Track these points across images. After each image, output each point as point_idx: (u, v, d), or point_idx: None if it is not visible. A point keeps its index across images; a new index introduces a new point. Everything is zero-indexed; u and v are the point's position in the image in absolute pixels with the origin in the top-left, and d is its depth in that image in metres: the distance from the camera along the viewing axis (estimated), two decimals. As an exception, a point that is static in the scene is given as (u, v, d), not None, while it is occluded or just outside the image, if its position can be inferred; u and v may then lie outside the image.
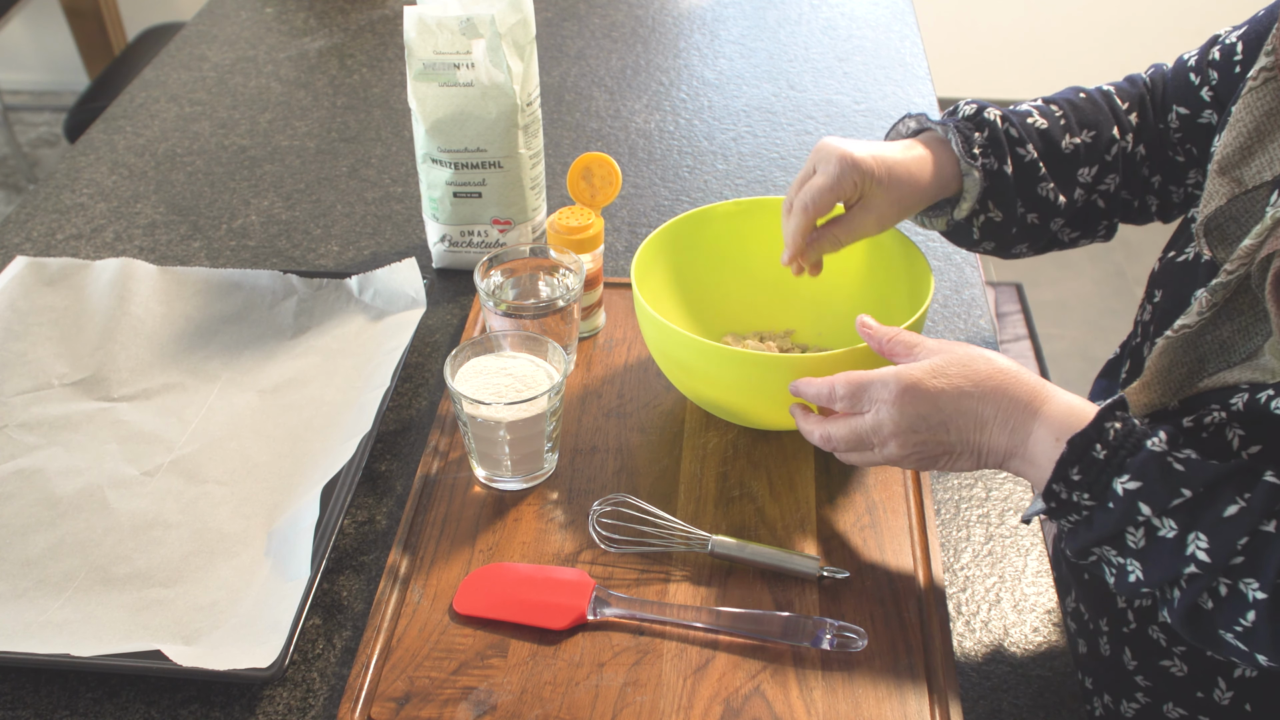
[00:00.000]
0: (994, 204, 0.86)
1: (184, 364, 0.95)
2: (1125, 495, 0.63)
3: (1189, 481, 0.62)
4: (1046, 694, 0.72)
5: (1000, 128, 0.85)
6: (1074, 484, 0.64)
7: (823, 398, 0.74)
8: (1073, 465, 0.64)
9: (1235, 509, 0.61)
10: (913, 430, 0.70)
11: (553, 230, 0.93)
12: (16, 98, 3.22)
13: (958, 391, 0.69)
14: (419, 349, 1.00)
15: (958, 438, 0.70)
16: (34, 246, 1.13)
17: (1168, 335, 0.70)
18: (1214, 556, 0.61)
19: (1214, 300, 0.68)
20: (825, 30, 1.57)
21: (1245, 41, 0.82)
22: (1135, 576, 0.65)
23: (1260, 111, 0.68)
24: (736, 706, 0.69)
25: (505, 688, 0.70)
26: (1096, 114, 0.88)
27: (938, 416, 0.69)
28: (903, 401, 0.69)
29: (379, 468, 0.88)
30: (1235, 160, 0.70)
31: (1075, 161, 0.87)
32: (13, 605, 0.75)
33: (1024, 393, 0.68)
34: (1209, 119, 0.85)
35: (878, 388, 0.71)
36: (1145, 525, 0.63)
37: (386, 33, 1.56)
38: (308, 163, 1.27)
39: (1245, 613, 0.61)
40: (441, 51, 0.98)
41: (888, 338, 0.75)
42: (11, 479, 0.84)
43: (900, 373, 0.70)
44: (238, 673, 0.69)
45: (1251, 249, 0.65)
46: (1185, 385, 0.71)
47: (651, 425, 0.90)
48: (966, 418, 0.69)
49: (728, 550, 0.77)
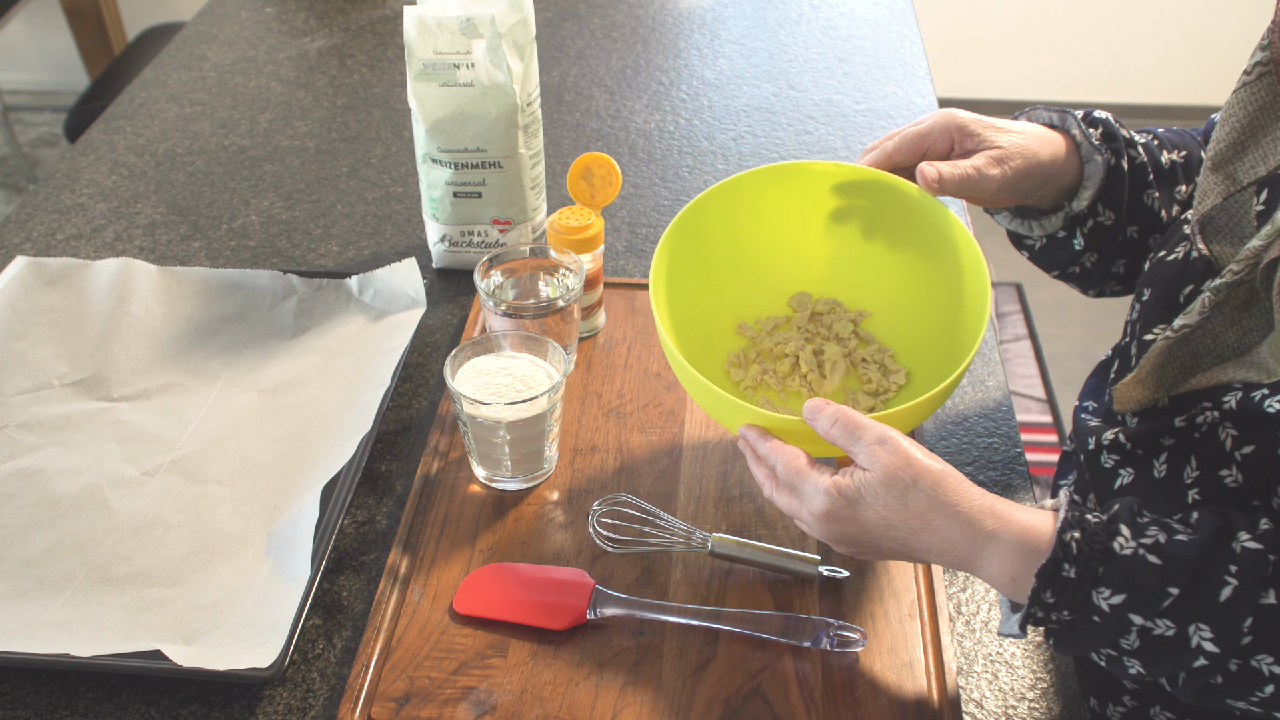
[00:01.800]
0: (1104, 205, 0.82)
1: (184, 364, 0.95)
2: (1112, 610, 0.60)
3: (1173, 577, 0.59)
4: (1047, 694, 0.72)
5: (1115, 126, 0.83)
6: (1050, 605, 0.61)
7: (764, 474, 0.72)
8: (1045, 591, 0.61)
9: (1229, 590, 0.58)
10: (840, 543, 0.69)
11: (553, 230, 0.93)
12: (16, 98, 3.22)
13: (884, 524, 0.66)
14: (419, 349, 1.00)
15: (892, 554, 0.68)
16: (34, 246, 1.13)
17: (1167, 335, 0.69)
18: (1222, 645, 0.59)
19: (1218, 300, 0.66)
20: (825, 30, 1.57)
21: None
22: (1136, 670, 0.62)
23: (1254, 106, 0.67)
24: (736, 706, 0.69)
25: (505, 688, 0.70)
26: (1184, 139, 0.86)
27: (867, 539, 0.67)
28: (828, 521, 0.67)
29: (379, 468, 0.88)
30: (1228, 156, 0.68)
31: (1174, 178, 0.85)
32: (13, 605, 0.75)
33: (962, 532, 0.64)
34: None
35: (807, 497, 0.68)
36: (1140, 630, 0.60)
37: (386, 33, 1.56)
38: (308, 163, 1.27)
39: (1262, 686, 0.59)
40: (441, 51, 0.98)
41: (830, 420, 0.69)
42: (11, 479, 0.84)
43: (829, 492, 0.66)
44: (238, 673, 0.69)
45: (1258, 250, 0.64)
46: (1178, 381, 0.69)
47: (651, 425, 0.90)
48: (898, 545, 0.66)
49: (728, 550, 0.77)
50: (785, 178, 0.86)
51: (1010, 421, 0.92)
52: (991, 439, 0.91)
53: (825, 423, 0.69)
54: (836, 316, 0.89)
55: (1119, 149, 0.82)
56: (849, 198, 0.85)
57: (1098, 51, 3.20)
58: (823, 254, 0.89)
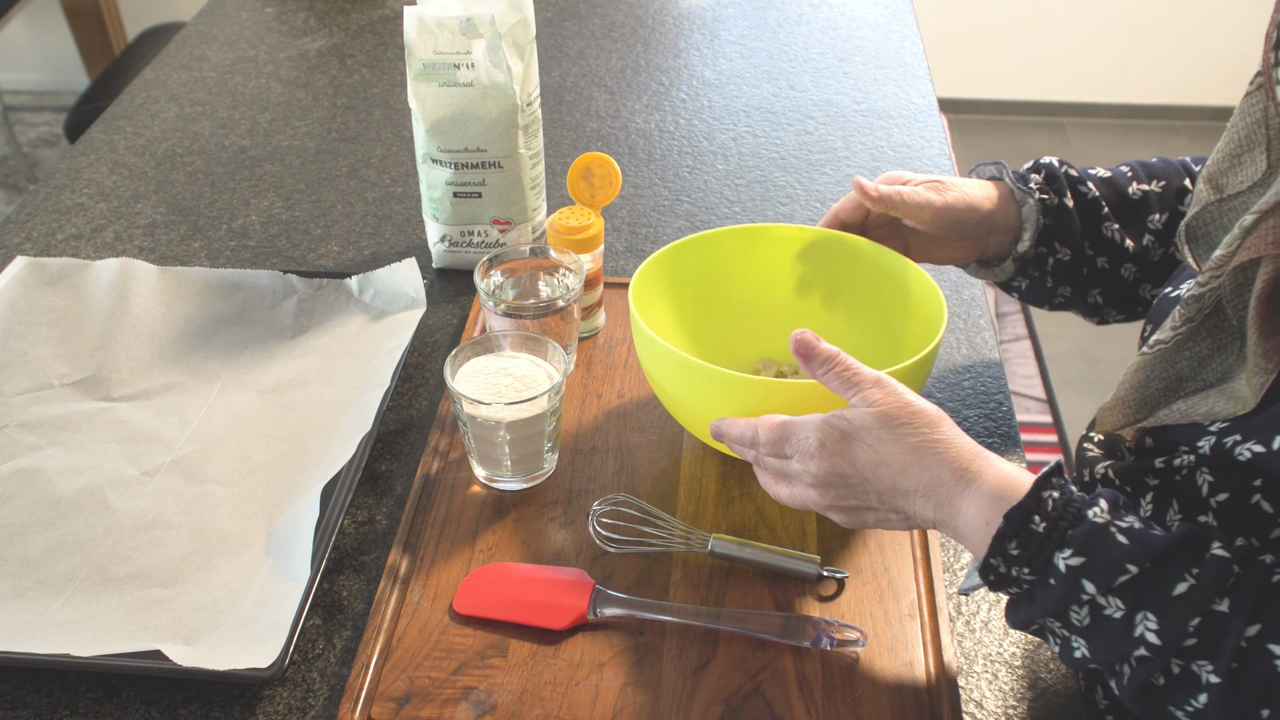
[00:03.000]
0: (1059, 241, 0.86)
1: (184, 364, 0.95)
2: (1068, 571, 0.59)
3: (1134, 557, 0.58)
4: (1047, 694, 0.73)
5: (1058, 168, 0.87)
6: (1013, 558, 0.61)
7: (745, 440, 0.72)
8: (1010, 539, 0.61)
9: (1185, 587, 0.58)
10: (829, 485, 0.68)
11: (553, 230, 0.93)
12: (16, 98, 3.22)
13: (877, 459, 0.66)
14: (419, 349, 1.00)
15: (879, 500, 0.67)
16: (34, 246, 1.13)
17: (1143, 351, 0.69)
18: (1164, 639, 0.58)
19: (1188, 314, 0.66)
20: (825, 30, 1.57)
21: None
22: (1081, 653, 0.62)
23: (1251, 120, 0.67)
24: (736, 706, 0.69)
25: (505, 688, 0.70)
26: (1166, 168, 0.88)
27: (856, 476, 0.67)
28: (821, 454, 0.67)
29: (379, 468, 0.88)
30: (1224, 168, 0.69)
31: (1145, 208, 0.87)
32: (13, 605, 0.75)
33: (948, 470, 0.65)
34: None
35: (798, 438, 0.68)
36: (1090, 603, 0.60)
37: (386, 33, 1.56)
38: (308, 163, 1.27)
39: (1198, 694, 0.58)
40: (441, 51, 0.98)
41: (824, 365, 0.70)
42: (11, 479, 0.84)
43: (821, 425, 0.67)
44: (238, 673, 0.69)
45: (1222, 259, 0.64)
46: (1159, 403, 0.69)
47: (651, 425, 0.90)
48: (886, 485, 0.66)
49: (728, 550, 0.77)
50: (750, 240, 0.91)
51: (1010, 421, 0.92)
52: (991, 439, 0.91)
53: (819, 366, 0.70)
54: (803, 375, 0.91)
55: (1060, 189, 0.87)
56: (811, 261, 0.92)
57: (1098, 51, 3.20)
58: (786, 318, 0.93)
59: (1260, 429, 0.62)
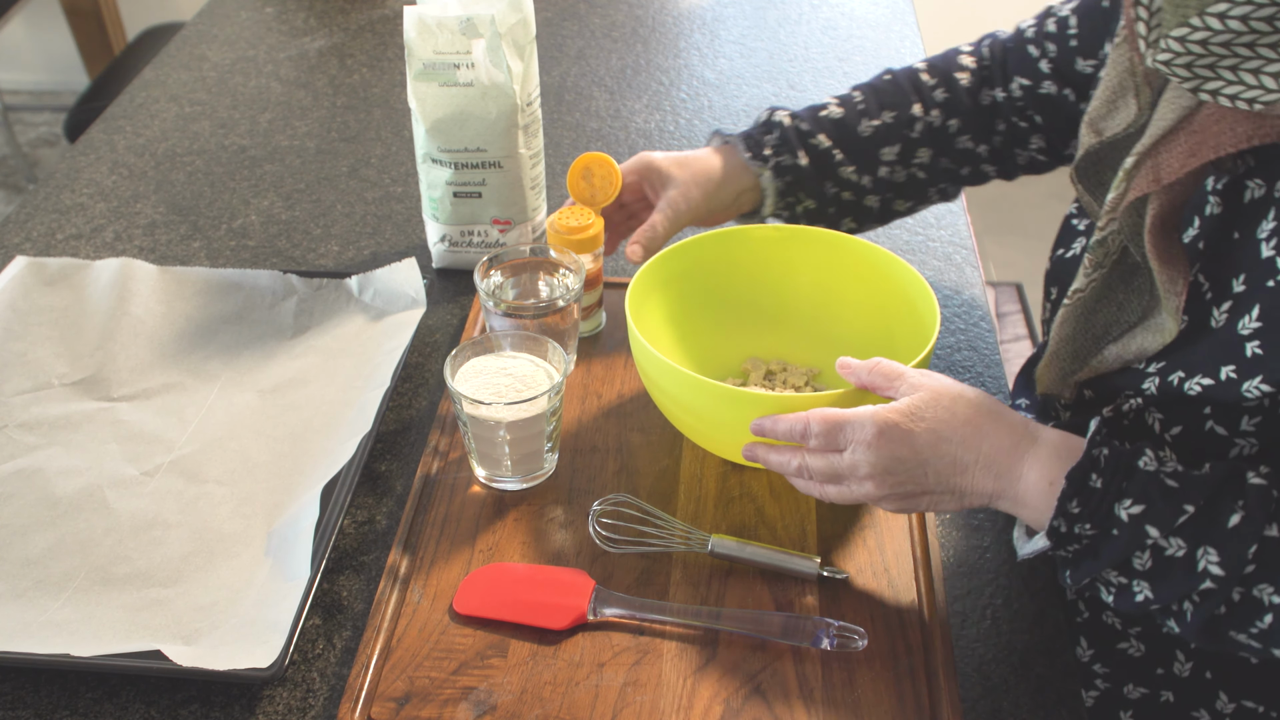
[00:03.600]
0: (804, 194, 0.94)
1: (184, 364, 0.95)
2: (1131, 520, 0.63)
3: (1189, 496, 0.62)
4: (1047, 694, 0.72)
5: (789, 126, 0.93)
6: (1074, 516, 0.64)
7: (795, 434, 0.72)
8: (1071, 499, 0.64)
9: (1238, 518, 0.62)
10: (889, 472, 0.69)
11: (553, 230, 0.93)
12: (16, 98, 3.22)
13: (935, 436, 0.68)
14: (419, 349, 1.00)
15: (936, 481, 0.69)
16: (34, 246, 1.13)
17: (1065, 304, 0.73)
18: (1227, 569, 0.62)
19: (1096, 259, 0.71)
20: (825, 30, 1.57)
21: (1079, 15, 0.88)
22: (1143, 596, 0.65)
23: (1121, 68, 0.71)
24: (736, 706, 0.69)
25: (505, 688, 0.70)
26: (897, 95, 0.95)
27: (915, 459, 0.69)
28: (879, 443, 0.68)
29: (379, 468, 0.88)
30: (1102, 114, 0.73)
31: (875, 142, 0.94)
32: (13, 605, 0.75)
33: (1007, 437, 0.68)
34: (1049, 90, 0.91)
35: (854, 428, 0.70)
36: (1152, 547, 0.63)
37: (386, 33, 1.56)
38: (308, 163, 1.27)
39: (1262, 616, 0.62)
40: (441, 51, 0.98)
41: (868, 369, 0.73)
42: (11, 479, 0.84)
43: (877, 414, 0.69)
44: (238, 673, 0.69)
45: (1114, 202, 0.68)
46: (1090, 352, 0.73)
47: (651, 425, 0.90)
48: (945, 462, 0.69)
49: (728, 550, 0.77)
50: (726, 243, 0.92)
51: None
52: (991, 439, 0.91)
53: (863, 372, 0.73)
54: (790, 373, 0.93)
55: (794, 148, 0.94)
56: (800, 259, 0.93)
57: (1098, 51, 3.19)
58: (772, 317, 0.94)
59: (1203, 363, 0.66)
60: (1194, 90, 0.63)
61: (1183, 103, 0.65)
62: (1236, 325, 0.65)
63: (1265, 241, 0.64)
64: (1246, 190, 0.66)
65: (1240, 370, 0.64)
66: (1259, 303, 0.64)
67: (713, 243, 0.91)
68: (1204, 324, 0.67)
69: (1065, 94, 0.90)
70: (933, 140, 0.95)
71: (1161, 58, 0.63)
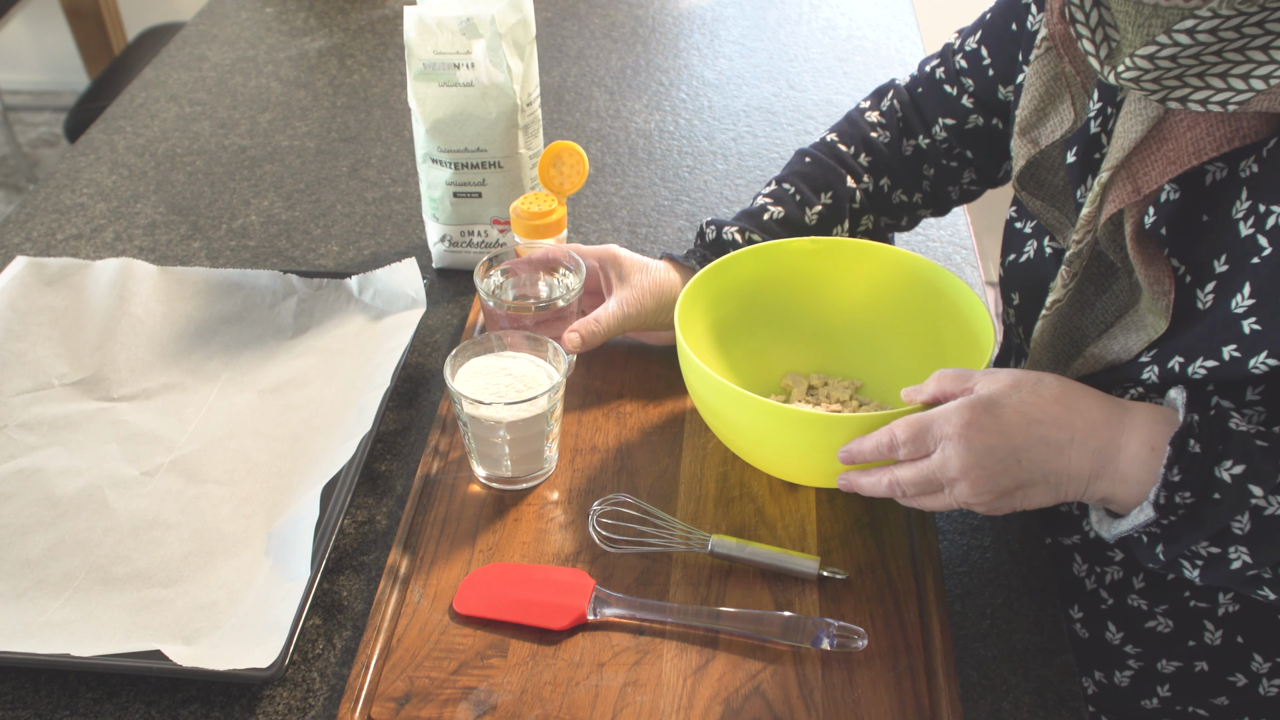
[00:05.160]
0: None
1: (184, 364, 0.95)
2: (1233, 481, 0.62)
3: None
4: (1046, 694, 0.72)
5: (741, 241, 0.91)
6: (1175, 485, 0.63)
7: (882, 449, 0.70)
8: (1173, 466, 0.63)
9: None
10: (981, 465, 0.66)
11: (516, 216, 0.94)
12: (16, 98, 3.22)
13: (1025, 419, 0.66)
14: (419, 349, 1.00)
15: (1031, 469, 0.66)
16: (34, 246, 1.13)
17: (1043, 315, 0.74)
18: None
19: (1074, 270, 0.71)
20: (825, 30, 1.57)
21: (989, 45, 0.89)
22: (1240, 562, 0.64)
23: (1047, 76, 0.71)
24: (736, 706, 0.69)
25: (505, 688, 0.70)
26: (826, 175, 0.95)
27: (1007, 447, 0.66)
28: (969, 434, 0.66)
29: (379, 468, 0.88)
30: (1032, 122, 0.73)
31: (823, 228, 0.94)
32: (13, 605, 0.75)
33: (1099, 410, 0.66)
34: (975, 123, 0.92)
35: (940, 423, 0.67)
36: (1252, 509, 0.62)
37: (386, 33, 1.56)
38: (308, 163, 1.27)
39: None
40: (441, 51, 0.98)
41: (933, 380, 0.72)
42: (11, 479, 0.84)
43: (963, 405, 0.67)
44: (238, 673, 0.69)
45: (1090, 216, 0.69)
46: (1071, 354, 0.74)
47: (651, 425, 0.90)
48: (1040, 446, 0.66)
49: (728, 550, 0.77)
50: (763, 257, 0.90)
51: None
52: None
53: (932, 384, 0.72)
54: (832, 387, 0.91)
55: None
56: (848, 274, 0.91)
57: (1098, 51, 3.19)
58: (814, 333, 0.93)
59: (1202, 346, 0.67)
60: (1161, 100, 0.63)
61: (1149, 113, 0.65)
62: (1229, 305, 0.65)
63: (1242, 221, 0.65)
64: (1206, 174, 0.67)
65: (1243, 348, 0.64)
66: (1248, 280, 0.64)
67: (751, 258, 0.89)
68: (1190, 308, 0.68)
69: (994, 124, 0.91)
70: (872, 205, 0.96)
71: (1128, 75, 0.63)
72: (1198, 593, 0.77)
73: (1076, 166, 0.77)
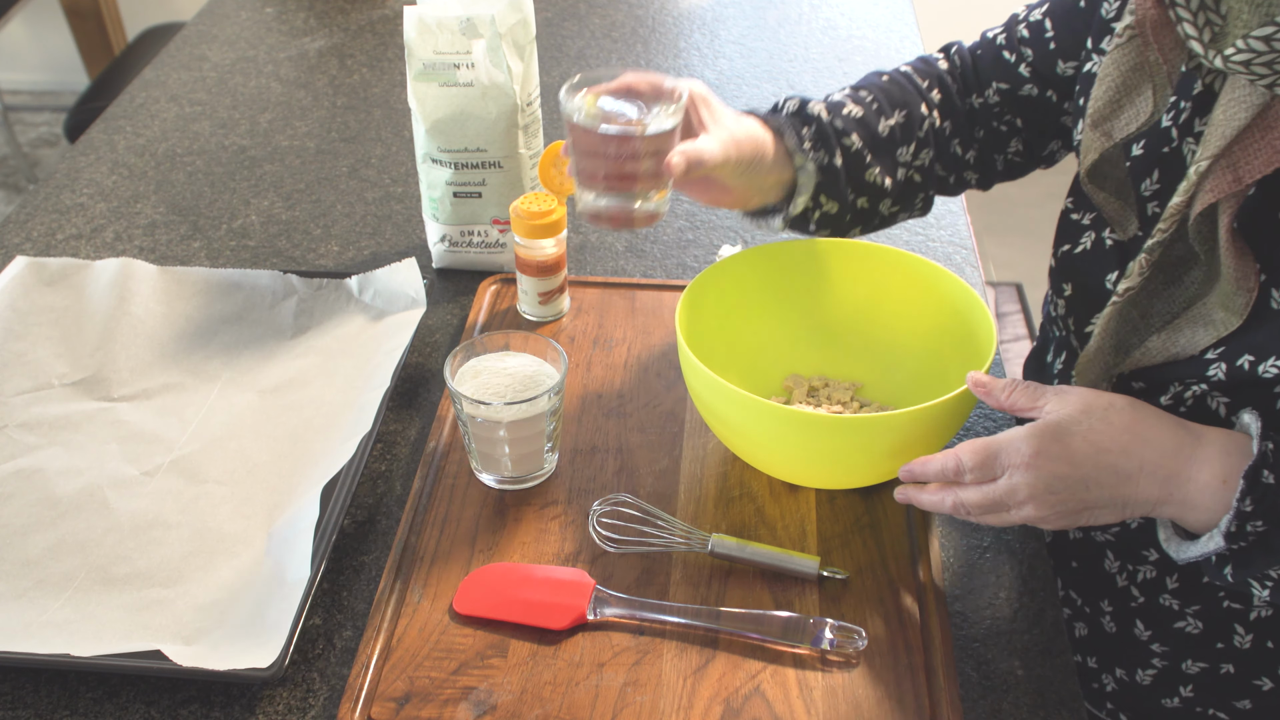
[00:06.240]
0: (827, 196, 0.86)
1: (184, 364, 0.95)
2: None
3: None
4: (1046, 694, 0.72)
5: (826, 120, 0.86)
6: (1247, 515, 0.63)
7: (948, 473, 0.70)
8: (1245, 497, 0.63)
9: None
10: (1050, 491, 0.66)
11: (515, 215, 0.94)
12: (16, 98, 3.22)
13: (1094, 448, 0.66)
14: (419, 349, 1.00)
15: (1099, 494, 0.66)
16: (34, 246, 1.13)
17: (1113, 301, 0.72)
18: None
19: (1153, 259, 0.70)
20: (825, 30, 1.57)
21: (1054, 19, 0.87)
22: None
23: (1126, 67, 0.70)
24: (736, 706, 0.69)
25: (505, 688, 0.70)
26: (904, 94, 0.91)
27: (1076, 475, 0.66)
28: (1038, 464, 0.66)
29: (379, 467, 0.88)
30: (1106, 114, 0.72)
31: (894, 142, 0.89)
32: (13, 605, 0.75)
33: (1170, 439, 0.66)
34: (1030, 92, 0.90)
35: (1009, 452, 0.67)
36: None
37: (386, 33, 1.56)
38: (308, 163, 1.27)
39: None
40: (441, 51, 0.98)
41: (1007, 390, 0.71)
42: (11, 479, 0.84)
43: (1032, 433, 0.67)
44: (238, 673, 0.69)
45: (1181, 206, 0.67)
46: (1133, 343, 0.73)
47: (651, 425, 0.90)
48: (1108, 474, 0.66)
49: (728, 550, 0.77)
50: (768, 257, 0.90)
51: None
52: (991, 439, 0.91)
53: (1001, 392, 0.71)
54: (833, 389, 0.91)
55: (830, 146, 0.85)
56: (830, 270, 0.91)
57: (1098, 51, 3.19)
58: (813, 334, 0.93)
59: (1274, 347, 0.65)
60: (1269, 86, 0.61)
61: (1254, 99, 0.63)
62: None
63: None
64: None
65: None
66: None
67: (751, 258, 0.90)
68: (1263, 307, 0.66)
69: (1048, 96, 0.89)
70: (934, 142, 0.92)
71: (1238, 58, 0.61)
72: (1232, 595, 0.77)
73: (1142, 159, 0.75)
